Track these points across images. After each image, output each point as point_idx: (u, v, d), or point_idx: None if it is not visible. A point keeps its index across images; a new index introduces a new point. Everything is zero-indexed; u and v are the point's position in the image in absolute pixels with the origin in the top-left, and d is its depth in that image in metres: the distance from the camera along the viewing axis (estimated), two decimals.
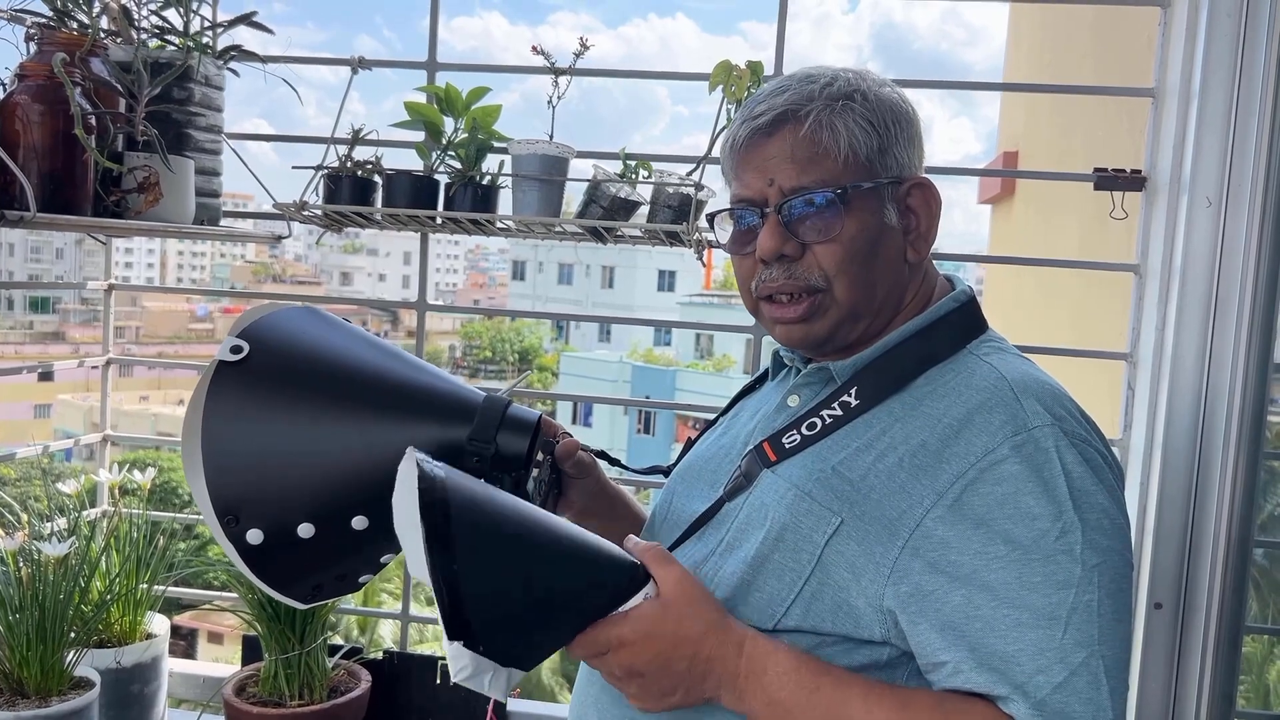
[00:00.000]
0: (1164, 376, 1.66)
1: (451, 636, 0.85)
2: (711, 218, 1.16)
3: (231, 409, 1.02)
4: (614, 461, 1.36)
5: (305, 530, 1.01)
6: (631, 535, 1.01)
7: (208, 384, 1.02)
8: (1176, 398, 1.64)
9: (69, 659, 1.58)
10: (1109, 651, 0.91)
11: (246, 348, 1.04)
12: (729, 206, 1.13)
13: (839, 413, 1.05)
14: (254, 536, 1.01)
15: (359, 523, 1.02)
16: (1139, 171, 1.76)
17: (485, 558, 0.88)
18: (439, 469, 0.90)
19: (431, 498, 0.87)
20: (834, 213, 1.04)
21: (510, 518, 0.92)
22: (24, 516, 1.75)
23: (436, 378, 1.11)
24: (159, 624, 1.83)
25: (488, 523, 0.90)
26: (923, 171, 1.12)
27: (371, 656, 1.88)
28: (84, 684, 1.60)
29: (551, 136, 1.77)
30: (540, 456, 1.15)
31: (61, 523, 1.80)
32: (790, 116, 1.05)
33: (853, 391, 1.06)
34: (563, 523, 0.97)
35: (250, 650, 1.86)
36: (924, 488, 0.96)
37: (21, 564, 1.59)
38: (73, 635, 1.60)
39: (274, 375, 1.04)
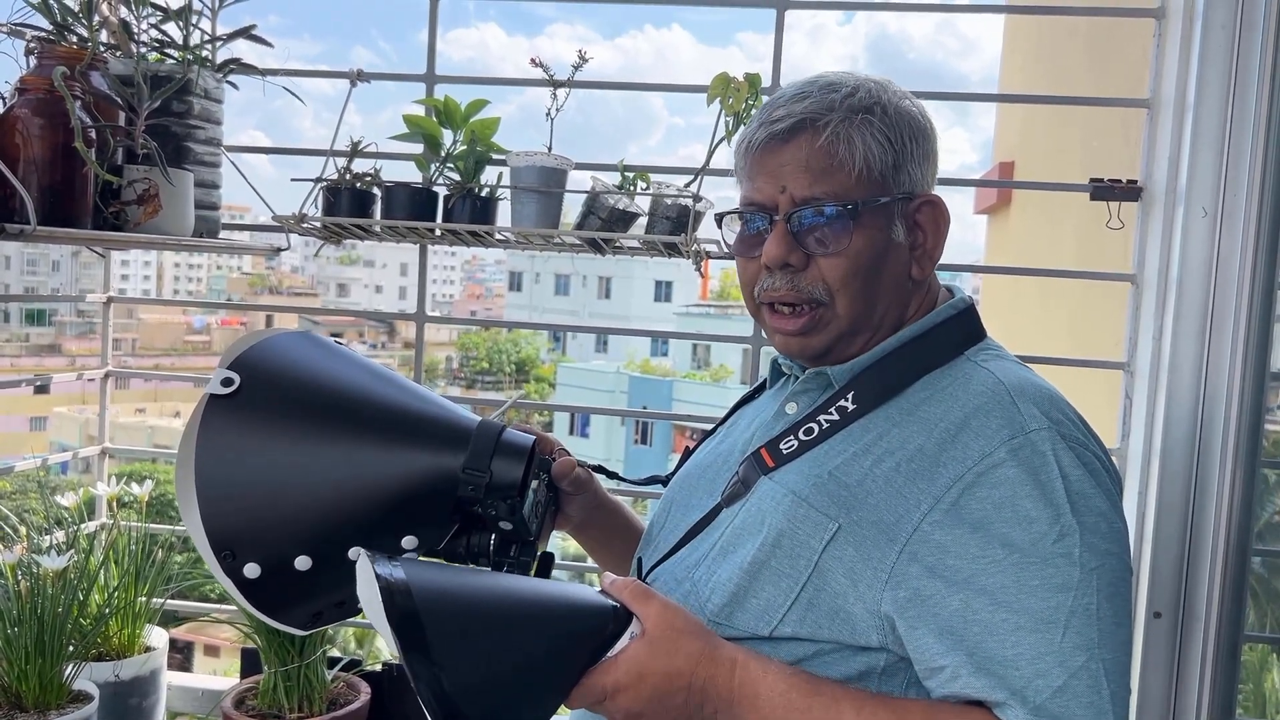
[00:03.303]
0: (1161, 385, 1.66)
1: None
2: (720, 218, 1.16)
3: (224, 444, 1.02)
4: (611, 474, 1.36)
5: (302, 563, 1.01)
6: (609, 574, 1.02)
7: (199, 418, 1.02)
8: (1174, 406, 1.64)
9: (68, 672, 1.58)
10: (1109, 655, 0.91)
11: (237, 380, 1.03)
12: (739, 209, 1.13)
13: (836, 417, 1.06)
14: (251, 571, 1.01)
15: (355, 554, 1.01)
16: (1135, 182, 1.77)
17: (464, 651, 0.87)
18: (398, 570, 0.89)
19: (396, 607, 0.86)
20: (842, 226, 1.05)
21: (480, 600, 0.92)
22: (22, 530, 1.75)
23: (429, 403, 1.10)
24: (157, 637, 1.82)
25: (460, 616, 0.89)
26: (935, 186, 1.13)
27: (370, 669, 1.88)
28: (83, 697, 1.59)
29: (550, 148, 1.77)
30: (536, 477, 1.14)
31: (60, 536, 1.79)
32: (808, 125, 1.05)
33: (849, 396, 1.06)
34: (534, 584, 0.96)
35: (249, 663, 1.85)
36: (921, 492, 0.97)
37: (20, 577, 1.59)
38: (71, 648, 1.59)
39: (266, 407, 1.04)
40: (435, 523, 1.07)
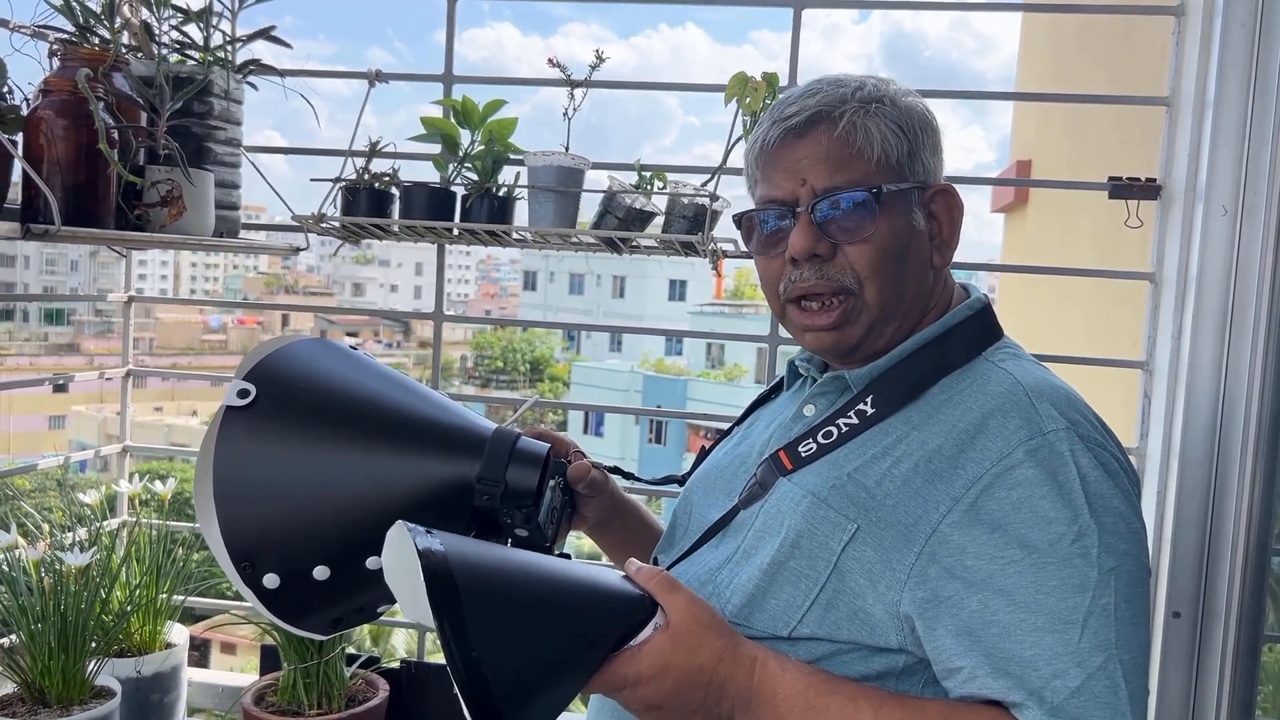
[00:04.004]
0: (1180, 384, 1.66)
1: (477, 718, 0.84)
2: (739, 219, 1.16)
3: (241, 456, 1.03)
4: (627, 475, 1.36)
5: (321, 573, 1.02)
6: (633, 560, 1.01)
7: (217, 430, 1.03)
8: (1193, 405, 1.64)
9: (90, 668, 1.60)
10: (1127, 655, 0.90)
11: (253, 391, 1.04)
12: (757, 208, 1.13)
13: (855, 421, 1.06)
14: (270, 581, 1.02)
15: (373, 563, 1.01)
16: (1154, 180, 1.76)
17: (497, 624, 0.87)
18: (436, 543, 0.87)
19: (438, 582, 0.85)
20: (867, 213, 1.05)
21: (514, 573, 0.91)
22: (45, 527, 1.76)
23: (444, 410, 1.10)
24: (178, 633, 1.84)
25: (498, 594, 0.88)
26: (944, 180, 1.13)
27: (388, 666, 1.89)
28: (105, 693, 1.61)
29: (567, 148, 1.78)
30: (552, 481, 1.14)
31: (82, 533, 1.81)
32: (824, 117, 1.06)
33: (869, 400, 1.06)
34: (565, 565, 0.96)
35: (268, 660, 1.86)
36: (940, 493, 0.97)
37: (44, 574, 1.61)
38: (94, 645, 1.61)
39: (282, 418, 1.05)
40: (451, 530, 1.08)
